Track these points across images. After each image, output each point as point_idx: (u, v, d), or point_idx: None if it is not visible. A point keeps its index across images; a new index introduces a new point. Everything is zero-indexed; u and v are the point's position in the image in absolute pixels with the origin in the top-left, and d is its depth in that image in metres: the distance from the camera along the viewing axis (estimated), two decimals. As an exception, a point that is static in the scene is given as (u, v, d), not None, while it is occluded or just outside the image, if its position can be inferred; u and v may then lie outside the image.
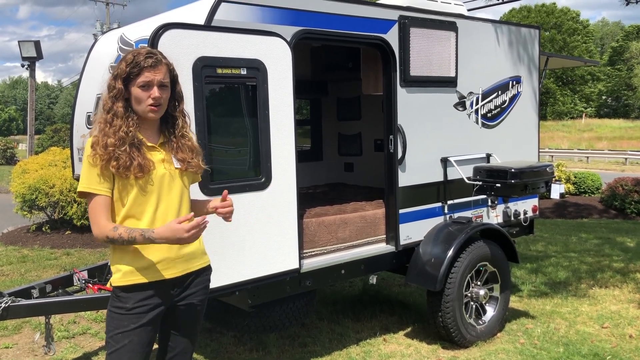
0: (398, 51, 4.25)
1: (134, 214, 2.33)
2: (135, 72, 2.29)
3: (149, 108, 2.32)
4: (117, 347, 2.31)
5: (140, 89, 2.30)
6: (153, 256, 2.33)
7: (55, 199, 8.56)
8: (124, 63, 2.32)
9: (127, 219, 2.33)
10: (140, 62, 2.29)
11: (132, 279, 2.31)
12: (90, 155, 2.29)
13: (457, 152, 4.74)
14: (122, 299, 2.32)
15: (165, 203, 2.38)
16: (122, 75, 2.30)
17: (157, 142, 2.42)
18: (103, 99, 2.36)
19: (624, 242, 8.55)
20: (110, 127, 2.28)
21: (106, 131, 2.28)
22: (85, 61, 4.66)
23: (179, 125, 2.46)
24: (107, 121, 2.30)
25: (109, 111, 2.31)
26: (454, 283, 4.30)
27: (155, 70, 2.31)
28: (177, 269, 2.39)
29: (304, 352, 4.41)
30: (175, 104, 2.46)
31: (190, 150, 2.46)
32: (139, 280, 2.32)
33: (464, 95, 4.77)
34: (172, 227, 2.20)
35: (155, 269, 2.33)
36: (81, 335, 4.83)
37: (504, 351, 4.39)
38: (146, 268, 2.32)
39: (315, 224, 4.02)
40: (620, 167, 24.86)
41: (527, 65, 5.38)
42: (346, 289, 6.05)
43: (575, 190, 13.25)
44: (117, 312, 2.33)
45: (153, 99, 2.31)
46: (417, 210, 4.49)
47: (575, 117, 52.59)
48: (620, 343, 4.52)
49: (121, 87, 2.30)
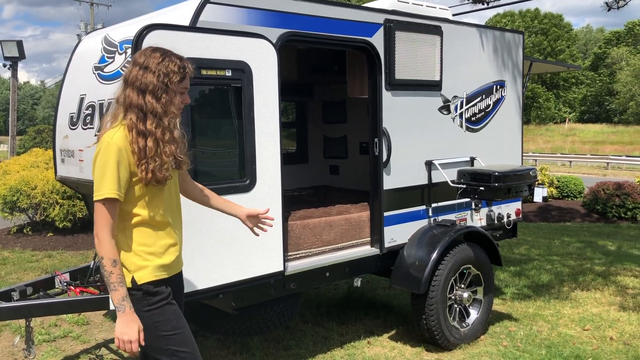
0: (383, 54, 4.26)
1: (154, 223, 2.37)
2: (181, 77, 2.36)
3: (179, 113, 2.42)
4: (179, 332, 2.37)
5: (179, 95, 2.38)
6: (172, 254, 2.44)
7: (37, 201, 8.45)
8: (174, 67, 2.32)
9: (142, 226, 2.36)
10: (186, 66, 2.38)
11: (159, 275, 2.38)
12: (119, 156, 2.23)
13: (441, 155, 4.77)
14: (159, 293, 2.37)
15: (177, 206, 2.51)
16: (174, 80, 2.32)
17: None
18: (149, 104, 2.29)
19: (605, 245, 8.66)
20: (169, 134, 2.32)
21: (166, 139, 2.30)
22: (68, 62, 4.62)
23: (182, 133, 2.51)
24: (164, 128, 2.30)
25: (165, 116, 2.31)
26: (437, 286, 4.32)
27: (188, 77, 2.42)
28: (179, 266, 2.55)
29: (288, 355, 4.39)
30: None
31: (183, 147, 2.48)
32: (163, 275, 2.40)
33: (448, 99, 4.80)
34: (132, 325, 2.22)
35: (171, 265, 2.44)
36: (62, 338, 4.77)
37: (487, 354, 4.42)
38: (168, 266, 2.42)
39: (300, 226, 4.01)
40: (602, 172, 25.18)
41: (511, 69, 5.43)
42: (331, 292, 6.05)
43: (558, 194, 13.39)
44: (160, 305, 2.36)
45: (184, 104, 2.43)
46: (401, 213, 4.50)
47: (559, 121, 53.20)
48: (601, 345, 4.57)
49: (175, 90, 2.35)
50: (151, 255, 2.36)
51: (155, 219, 2.37)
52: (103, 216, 2.22)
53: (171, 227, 2.45)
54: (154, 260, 2.36)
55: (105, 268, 2.22)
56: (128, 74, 2.35)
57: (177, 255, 2.48)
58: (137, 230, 2.35)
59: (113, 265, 2.22)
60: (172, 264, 2.44)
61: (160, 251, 2.39)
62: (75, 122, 4.27)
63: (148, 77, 2.29)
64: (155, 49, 2.39)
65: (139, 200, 2.32)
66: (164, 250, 2.41)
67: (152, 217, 2.36)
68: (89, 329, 5.00)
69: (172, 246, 2.45)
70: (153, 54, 2.35)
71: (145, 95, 2.28)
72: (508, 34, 5.39)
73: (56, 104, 4.66)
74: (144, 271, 2.34)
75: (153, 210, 2.36)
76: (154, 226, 2.38)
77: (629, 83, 49.23)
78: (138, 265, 2.33)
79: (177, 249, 2.48)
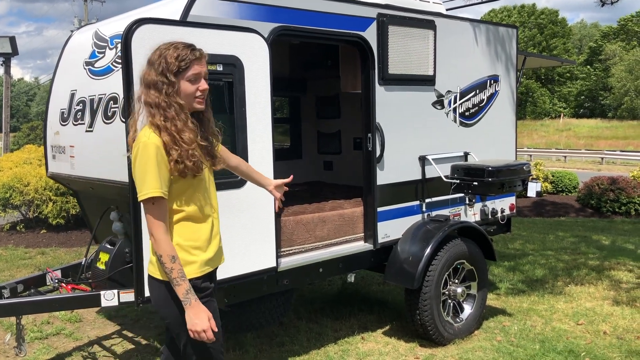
0: (376, 49, 4.24)
1: (196, 217, 2.39)
2: (184, 65, 2.30)
3: (197, 100, 2.35)
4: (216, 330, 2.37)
5: (190, 83, 2.31)
6: (214, 247, 2.47)
7: (30, 198, 8.41)
8: (170, 58, 2.28)
9: (185, 221, 2.37)
10: (188, 54, 2.31)
11: (205, 269, 2.42)
12: (157, 154, 2.23)
13: (435, 150, 4.75)
14: (205, 289, 2.41)
15: (215, 199, 2.51)
16: (172, 69, 2.28)
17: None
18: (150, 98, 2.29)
19: (599, 240, 8.67)
20: (181, 123, 2.27)
21: (178, 128, 2.26)
22: (59, 57, 4.58)
23: (207, 119, 2.47)
24: (172, 117, 2.26)
25: (169, 107, 2.28)
26: (431, 281, 4.31)
27: (201, 63, 2.35)
28: (223, 256, 2.60)
29: (282, 351, 4.38)
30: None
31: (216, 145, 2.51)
32: (209, 269, 2.45)
33: (442, 93, 4.78)
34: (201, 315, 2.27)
35: (215, 258, 2.49)
36: (55, 335, 4.74)
37: (481, 348, 4.41)
38: (212, 258, 2.45)
39: (293, 222, 3.99)
40: (597, 167, 25.25)
41: (505, 64, 5.42)
42: (325, 288, 6.03)
43: (552, 189, 13.41)
44: (204, 300, 2.36)
45: (202, 91, 2.34)
46: (395, 209, 4.49)
47: (554, 116, 53.30)
48: (595, 339, 4.57)
49: (175, 81, 2.29)
50: (197, 250, 2.39)
51: (197, 213, 2.39)
52: (153, 215, 2.25)
53: (212, 219, 2.47)
54: (200, 254, 2.40)
55: (165, 265, 2.25)
56: (141, 73, 2.39)
57: (219, 247, 2.53)
58: (182, 225, 2.37)
59: (172, 261, 2.25)
60: (215, 256, 2.48)
61: (205, 245, 2.42)
62: (66, 118, 4.24)
63: (151, 72, 2.31)
64: (164, 44, 2.38)
65: (181, 195, 2.35)
66: (208, 243, 2.44)
67: (195, 211, 2.38)
68: (82, 326, 4.97)
69: (214, 238, 2.48)
70: (157, 49, 2.36)
71: (150, 90, 2.30)
72: (502, 28, 5.37)
73: (47, 99, 4.62)
74: (191, 266, 2.36)
75: (195, 204, 2.38)
76: (197, 220, 2.40)
77: (624, 78, 49.37)
78: (186, 261, 2.35)
79: (218, 241, 2.52)
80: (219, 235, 2.54)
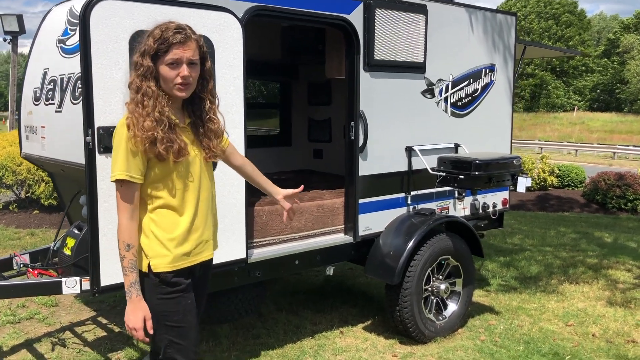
0: (362, 33, 4.05)
1: (175, 206, 2.28)
2: (164, 48, 2.17)
3: (177, 87, 2.21)
4: (183, 326, 2.31)
5: (169, 67, 2.18)
6: (194, 242, 2.34)
7: (23, 177, 8.33)
8: (151, 39, 2.18)
9: (164, 208, 2.27)
10: (168, 37, 2.16)
11: (179, 264, 2.29)
12: (128, 137, 2.15)
13: (423, 141, 4.56)
14: (177, 284, 2.29)
15: (204, 191, 2.36)
16: (149, 52, 2.17)
17: (186, 123, 2.33)
18: (130, 78, 2.23)
19: (601, 237, 8.45)
20: (143, 108, 2.16)
21: (140, 112, 2.16)
22: (35, 33, 4.42)
23: (206, 107, 2.34)
24: (137, 102, 2.18)
25: (138, 91, 2.18)
26: (412, 277, 4.15)
27: (184, 47, 2.18)
28: (209, 252, 2.44)
29: (256, 344, 4.25)
30: (204, 83, 2.33)
31: (215, 136, 2.38)
32: (184, 264, 2.32)
33: (432, 82, 4.58)
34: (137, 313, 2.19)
35: (195, 252, 2.35)
36: (27, 320, 4.65)
37: (463, 348, 4.26)
38: (188, 253, 2.32)
39: (267, 212, 3.84)
40: (608, 161, 24.83)
41: (502, 53, 5.19)
42: (312, 278, 5.90)
43: (558, 184, 13.14)
44: (174, 296, 2.29)
45: (182, 78, 2.19)
46: (378, 201, 4.32)
47: (568, 109, 52.51)
48: (583, 342, 4.40)
49: (150, 65, 2.17)
50: (172, 242, 2.27)
51: (176, 202, 2.27)
52: (118, 198, 2.19)
53: (195, 211, 2.33)
54: (174, 248, 2.28)
55: (119, 251, 2.19)
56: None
57: (199, 243, 2.37)
58: (159, 213, 2.27)
59: (126, 249, 2.17)
60: (194, 251, 2.34)
61: (182, 238, 2.30)
62: (38, 97, 4.10)
63: (136, 51, 2.23)
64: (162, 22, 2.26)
65: (159, 181, 2.25)
66: (186, 236, 2.31)
67: (173, 201, 2.27)
68: (57, 310, 4.88)
69: (195, 231, 2.34)
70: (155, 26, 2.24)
71: (131, 70, 2.25)
72: (500, 15, 5.14)
73: (22, 77, 4.48)
74: (162, 259, 2.26)
75: (174, 192, 2.27)
76: (176, 210, 2.28)
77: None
78: (157, 252, 2.26)
79: (199, 236, 2.36)
80: (205, 233, 2.39)
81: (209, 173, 2.44)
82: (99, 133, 2.92)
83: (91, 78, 2.89)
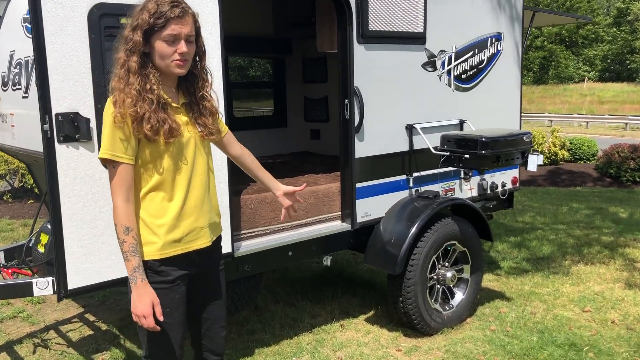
0: (355, 2, 3.69)
1: (165, 188, 2.14)
2: (160, 23, 2.04)
3: (175, 63, 2.09)
4: (169, 322, 2.16)
5: (166, 43, 2.06)
6: (185, 228, 2.19)
7: (15, 167, 8.08)
8: (145, 12, 2.03)
9: (154, 192, 2.13)
10: (165, 12, 2.03)
11: (168, 252, 2.15)
12: (113, 115, 2.02)
13: (425, 118, 4.22)
14: (163, 273, 2.15)
15: (199, 175, 2.22)
16: (143, 26, 2.03)
17: (180, 103, 2.20)
18: (118, 53, 2.10)
19: (616, 212, 8.10)
20: (126, 84, 2.04)
21: (121, 89, 2.04)
22: (3, 12, 4.10)
23: (199, 85, 2.23)
24: (120, 77, 2.06)
25: (122, 66, 2.06)
26: (416, 265, 3.85)
27: (182, 22, 2.07)
28: (204, 239, 2.27)
29: (250, 340, 3.98)
30: (197, 60, 2.22)
31: (210, 114, 2.26)
32: (175, 252, 2.17)
33: (434, 53, 4.22)
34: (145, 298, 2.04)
35: (187, 239, 2.20)
36: (11, 319, 4.41)
37: (472, 339, 3.97)
38: (179, 240, 2.18)
39: (255, 200, 3.54)
40: (620, 133, 24.26)
41: (510, 21, 4.81)
42: (313, 265, 5.62)
43: (570, 157, 12.74)
44: (159, 287, 2.13)
45: (180, 54, 2.08)
46: (377, 184, 4.00)
47: (578, 81, 51.54)
48: (601, 330, 4.10)
49: (139, 40, 2.04)
50: (161, 228, 2.13)
51: (166, 185, 2.14)
52: (111, 179, 2.06)
53: (185, 198, 2.17)
54: (163, 234, 2.13)
55: (118, 236, 2.05)
56: None
57: (192, 230, 2.20)
58: (149, 198, 2.14)
59: (125, 233, 2.04)
60: (185, 238, 2.19)
61: (172, 223, 2.15)
62: (6, 83, 3.79)
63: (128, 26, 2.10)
64: None
65: (149, 163, 2.11)
66: (176, 222, 2.16)
67: (164, 183, 2.13)
68: (43, 307, 4.64)
69: (188, 217, 2.19)
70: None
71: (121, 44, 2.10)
72: (506, -21, 4.74)
73: (-9, 62, 4.17)
74: (150, 247, 2.13)
75: (164, 174, 2.12)
76: (167, 193, 2.14)
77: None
78: (146, 239, 2.13)
79: (192, 223, 2.20)
80: (200, 216, 2.22)
81: (206, 156, 2.27)
82: (58, 120, 2.62)
83: (45, 59, 2.58)
